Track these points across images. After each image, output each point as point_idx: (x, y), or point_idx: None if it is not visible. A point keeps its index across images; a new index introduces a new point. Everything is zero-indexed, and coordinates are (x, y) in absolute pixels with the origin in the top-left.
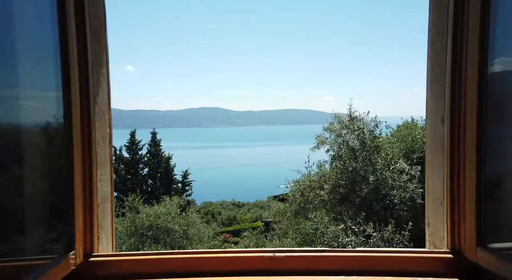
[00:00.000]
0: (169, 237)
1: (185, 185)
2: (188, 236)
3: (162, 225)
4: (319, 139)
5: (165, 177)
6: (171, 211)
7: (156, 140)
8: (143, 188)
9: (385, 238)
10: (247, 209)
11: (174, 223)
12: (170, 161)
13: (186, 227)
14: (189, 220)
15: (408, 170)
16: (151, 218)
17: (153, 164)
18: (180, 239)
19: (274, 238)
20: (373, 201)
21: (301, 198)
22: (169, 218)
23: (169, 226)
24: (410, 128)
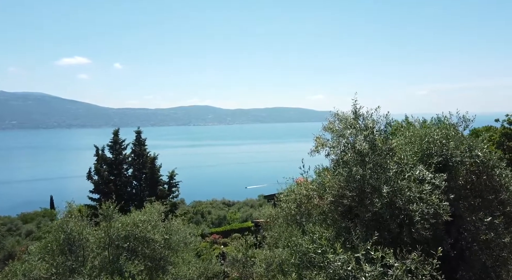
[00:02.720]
0: (149, 248)
1: (171, 186)
2: (171, 245)
3: (141, 235)
4: (319, 141)
5: (151, 178)
6: (151, 218)
7: (141, 139)
8: (127, 190)
9: (408, 267)
10: (238, 208)
11: (155, 232)
12: (155, 161)
13: (168, 235)
14: (171, 228)
15: (431, 178)
16: (128, 227)
17: (138, 165)
18: (161, 249)
19: (265, 248)
20: (388, 217)
21: (296, 210)
22: (149, 226)
23: (149, 235)
24: (428, 127)
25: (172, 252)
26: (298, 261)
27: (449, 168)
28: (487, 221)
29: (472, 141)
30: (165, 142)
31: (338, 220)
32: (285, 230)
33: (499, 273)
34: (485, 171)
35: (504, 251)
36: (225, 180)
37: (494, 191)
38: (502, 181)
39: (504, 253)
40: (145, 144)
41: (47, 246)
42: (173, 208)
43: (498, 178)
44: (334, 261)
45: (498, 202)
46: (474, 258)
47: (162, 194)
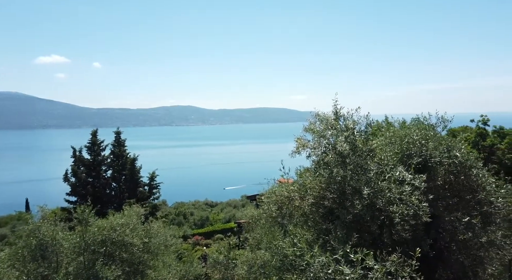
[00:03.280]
0: (127, 252)
1: (152, 188)
2: (151, 249)
3: (119, 239)
4: (300, 142)
5: (130, 180)
6: (130, 221)
7: (121, 140)
8: (106, 192)
9: (388, 269)
10: (220, 209)
11: (134, 236)
12: (136, 162)
13: (148, 238)
14: (151, 231)
15: (411, 179)
16: (105, 231)
17: (117, 166)
18: (140, 253)
19: (247, 250)
20: (368, 219)
21: (277, 212)
22: (128, 230)
23: (127, 239)
24: (408, 128)
25: (152, 255)
26: (279, 263)
27: (428, 168)
28: (464, 221)
29: (450, 141)
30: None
31: (319, 222)
32: (267, 231)
33: (477, 272)
34: (463, 171)
35: (481, 250)
36: (208, 180)
37: (472, 191)
38: (479, 181)
39: (481, 252)
40: (124, 145)
41: (18, 252)
42: (153, 210)
43: (475, 178)
44: (313, 263)
45: (475, 202)
46: (452, 258)
47: (143, 196)
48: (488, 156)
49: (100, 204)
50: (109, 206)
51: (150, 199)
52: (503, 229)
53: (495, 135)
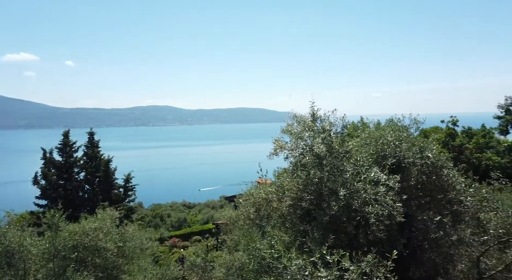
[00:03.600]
0: (100, 257)
1: (127, 190)
2: (125, 253)
3: (91, 243)
4: (278, 144)
5: (105, 182)
6: (103, 225)
7: (94, 141)
8: (78, 195)
9: (363, 270)
10: (198, 210)
11: (107, 240)
12: (110, 163)
13: (122, 242)
14: (126, 235)
15: (385, 180)
16: (76, 236)
17: (90, 168)
18: (114, 258)
19: (225, 252)
20: (344, 220)
21: (255, 214)
22: (101, 234)
23: (101, 244)
24: (383, 129)
25: (127, 259)
26: (257, 266)
27: (402, 169)
28: (436, 220)
29: (422, 142)
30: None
31: (297, 223)
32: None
33: (447, 269)
34: (434, 172)
35: (452, 248)
36: (186, 181)
37: (443, 191)
38: (449, 181)
39: (452, 250)
40: (98, 146)
41: None
42: (129, 213)
43: (446, 178)
44: (290, 266)
45: (446, 201)
46: (425, 256)
47: (117, 198)
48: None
49: (72, 208)
50: (82, 210)
51: (125, 202)
52: (472, 227)
53: (464, 135)
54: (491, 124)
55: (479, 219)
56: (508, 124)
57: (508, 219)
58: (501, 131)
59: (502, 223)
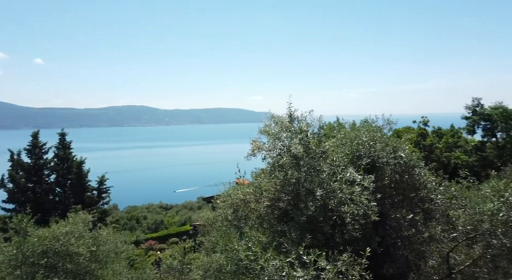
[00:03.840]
0: (72, 262)
1: (101, 192)
2: (99, 257)
3: (62, 249)
4: (255, 145)
5: (77, 184)
6: (75, 229)
7: (66, 142)
8: (49, 198)
9: (339, 269)
10: (176, 212)
11: (79, 245)
12: (83, 165)
13: (96, 246)
14: (99, 238)
15: (360, 180)
16: (46, 241)
17: (62, 170)
18: (87, 263)
19: (203, 253)
20: (321, 219)
21: (233, 215)
22: (73, 239)
23: (72, 249)
24: (358, 130)
25: (100, 264)
26: (234, 267)
27: (376, 169)
28: (409, 218)
29: (395, 142)
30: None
31: (274, 224)
32: (223, 234)
33: (419, 266)
34: (407, 171)
35: (423, 245)
36: (163, 183)
37: (415, 189)
38: (421, 180)
39: (423, 247)
40: (70, 147)
41: None
42: (103, 215)
43: (418, 177)
44: (267, 267)
45: (418, 199)
46: (398, 253)
47: (91, 201)
48: (428, 154)
49: (42, 212)
50: (53, 214)
51: (99, 204)
52: (442, 224)
53: (434, 135)
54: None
55: (449, 216)
56: (475, 124)
57: (475, 216)
58: (468, 131)
59: (470, 219)
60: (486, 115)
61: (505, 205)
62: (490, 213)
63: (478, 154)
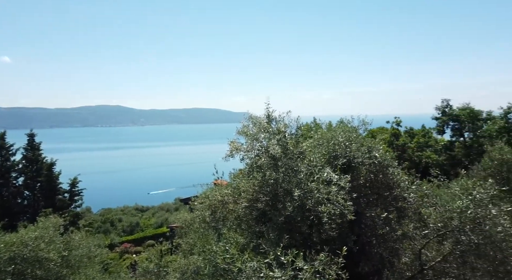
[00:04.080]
0: (42, 269)
1: (73, 195)
2: (71, 262)
3: (31, 255)
4: (233, 145)
5: (47, 187)
6: (45, 234)
7: (35, 143)
8: (17, 201)
9: (316, 269)
10: (152, 213)
11: (50, 250)
12: (53, 167)
13: (67, 251)
14: (71, 243)
15: (337, 180)
16: (13, 247)
17: (31, 172)
18: (58, 268)
19: (180, 256)
20: (299, 219)
21: (211, 217)
22: (42, 244)
23: (42, 254)
24: (334, 130)
25: (72, 269)
26: (212, 270)
27: (352, 168)
28: (383, 216)
29: (370, 142)
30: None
31: (252, 225)
32: (200, 236)
33: (393, 263)
34: (381, 170)
35: (397, 242)
36: (138, 184)
37: (389, 188)
38: (394, 179)
39: (397, 244)
40: (40, 148)
41: None
42: (75, 219)
43: (391, 176)
44: (245, 269)
45: (392, 198)
46: (373, 251)
47: (62, 204)
48: (400, 154)
49: (10, 216)
50: (21, 218)
51: (71, 207)
52: (414, 221)
53: (406, 135)
54: (430, 124)
55: (421, 214)
56: (444, 124)
57: (445, 214)
58: (438, 131)
59: (440, 217)
60: (454, 115)
61: (473, 203)
62: (459, 210)
63: (447, 153)
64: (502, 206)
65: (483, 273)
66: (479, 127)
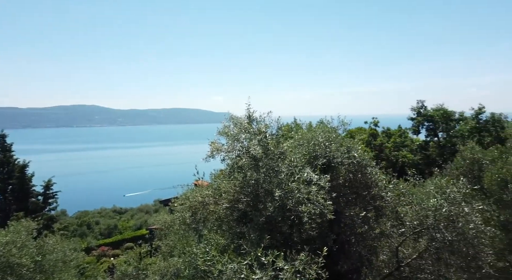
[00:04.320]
0: (13, 275)
1: (47, 198)
2: (44, 267)
3: (2, 260)
4: (214, 146)
5: (19, 190)
6: (17, 239)
7: (6, 144)
8: None
9: (297, 268)
10: (131, 215)
11: (22, 255)
12: (26, 169)
13: (41, 256)
14: (45, 247)
15: (317, 180)
16: None
17: (2, 174)
18: (31, 274)
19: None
20: (280, 220)
21: (191, 218)
22: (14, 249)
23: (14, 260)
24: (314, 131)
25: (46, 275)
26: (192, 272)
27: (331, 168)
28: (362, 215)
29: (349, 143)
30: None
31: (233, 225)
32: (181, 238)
33: (371, 260)
34: (359, 170)
35: (375, 240)
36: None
37: (367, 187)
38: (373, 178)
39: (375, 242)
40: (11, 149)
41: None
42: (49, 222)
43: (369, 175)
44: (225, 271)
45: (370, 197)
46: (352, 250)
47: (35, 207)
48: (378, 153)
49: None
50: None
51: (45, 210)
52: (392, 220)
53: (384, 135)
54: (406, 125)
55: (397, 213)
56: (419, 125)
57: (421, 212)
58: (414, 131)
59: (416, 215)
60: (429, 116)
61: (446, 201)
62: (434, 208)
63: (422, 153)
64: (474, 204)
65: (456, 269)
66: (452, 127)
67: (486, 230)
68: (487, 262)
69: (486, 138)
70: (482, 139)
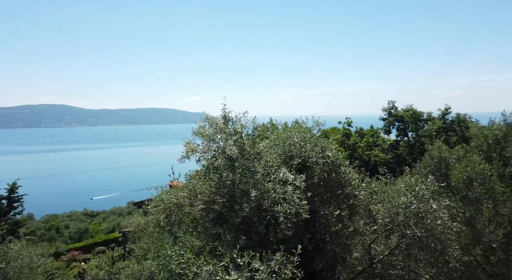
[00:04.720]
0: None
1: (12, 201)
2: (8, 275)
3: None
4: (189, 147)
5: None
6: None
7: None
8: None
9: (273, 269)
10: (103, 218)
11: None
12: None
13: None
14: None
15: (293, 180)
16: None
17: None
18: None
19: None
20: (256, 220)
21: (166, 221)
22: None
23: None
24: (290, 131)
25: None
26: (167, 275)
27: (306, 168)
28: (336, 214)
29: (324, 142)
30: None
31: (209, 227)
32: (155, 240)
33: (345, 258)
34: (334, 169)
35: (349, 239)
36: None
37: (341, 186)
38: (346, 177)
39: (349, 240)
40: None
41: None
42: (14, 227)
43: (343, 175)
44: (200, 273)
45: (344, 196)
46: (327, 248)
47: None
48: (351, 153)
49: None
50: None
51: (10, 215)
52: (364, 218)
53: (357, 135)
54: (378, 125)
55: (370, 211)
56: (390, 125)
57: (392, 209)
58: (385, 131)
59: (387, 213)
60: (399, 116)
61: (416, 198)
62: (404, 206)
63: (393, 152)
64: (441, 201)
65: (425, 264)
66: (421, 127)
67: (452, 226)
68: (453, 257)
69: (452, 138)
70: (449, 139)
